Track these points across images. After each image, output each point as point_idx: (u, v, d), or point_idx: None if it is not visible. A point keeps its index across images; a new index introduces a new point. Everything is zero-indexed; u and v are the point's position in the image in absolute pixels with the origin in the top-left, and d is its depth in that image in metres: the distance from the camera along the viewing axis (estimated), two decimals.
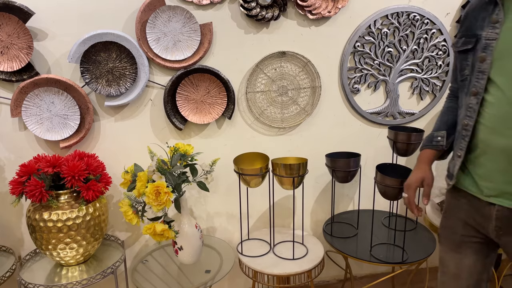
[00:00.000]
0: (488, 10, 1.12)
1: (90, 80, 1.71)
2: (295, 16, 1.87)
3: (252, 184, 1.72)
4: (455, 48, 1.22)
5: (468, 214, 1.22)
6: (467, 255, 1.25)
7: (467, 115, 1.15)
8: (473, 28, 1.15)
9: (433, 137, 1.30)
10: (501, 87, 1.06)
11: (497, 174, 1.11)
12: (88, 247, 1.62)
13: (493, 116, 1.09)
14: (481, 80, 1.11)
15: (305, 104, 1.98)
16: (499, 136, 1.08)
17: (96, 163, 1.64)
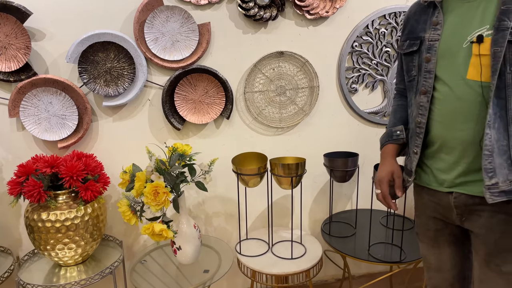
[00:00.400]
0: (428, 13, 1.20)
1: (88, 80, 1.71)
2: (293, 16, 1.87)
3: (250, 184, 1.72)
4: (401, 50, 1.29)
5: (434, 209, 1.27)
6: (444, 248, 1.30)
7: (419, 113, 1.21)
8: (416, 31, 1.22)
9: (392, 133, 1.35)
10: (448, 84, 1.13)
11: (455, 167, 1.16)
12: (87, 247, 1.62)
13: (444, 112, 1.15)
14: (429, 79, 1.17)
15: (303, 104, 1.99)
16: (452, 130, 1.14)
17: (94, 163, 1.64)
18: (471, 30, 1.08)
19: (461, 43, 1.10)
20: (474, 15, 1.09)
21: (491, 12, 1.05)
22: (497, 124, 1.06)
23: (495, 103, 1.06)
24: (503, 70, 1.04)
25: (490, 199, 1.08)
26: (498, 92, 1.05)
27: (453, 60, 1.12)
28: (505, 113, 1.06)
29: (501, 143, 1.07)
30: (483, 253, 1.17)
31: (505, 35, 1.01)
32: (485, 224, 1.15)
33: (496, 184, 1.07)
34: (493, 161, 1.07)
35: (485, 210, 1.14)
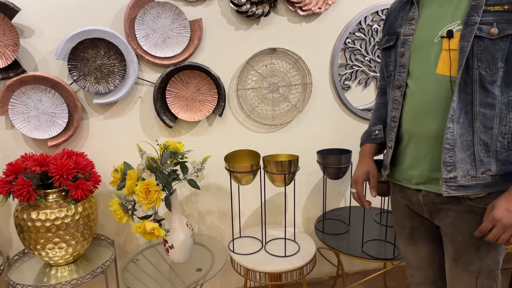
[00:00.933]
0: (405, 9, 1.22)
1: (78, 77, 1.69)
2: (285, 13, 1.86)
3: (243, 181, 1.71)
4: (379, 46, 1.30)
5: (407, 205, 1.28)
6: (421, 246, 1.31)
7: (394, 107, 1.22)
8: (394, 27, 1.24)
9: (371, 132, 1.36)
10: (418, 78, 1.14)
11: (423, 162, 1.17)
12: (78, 246, 1.60)
13: (414, 106, 1.16)
14: (403, 74, 1.18)
15: (296, 101, 1.98)
16: (420, 124, 1.14)
17: (85, 161, 1.62)
18: (443, 25, 1.09)
19: (433, 38, 1.11)
20: (447, 10, 1.09)
21: (463, 8, 1.06)
22: (462, 119, 1.06)
23: (462, 98, 1.06)
24: (471, 65, 1.04)
25: (446, 192, 1.09)
26: (465, 87, 1.05)
27: (425, 54, 1.12)
28: (470, 109, 1.06)
29: (465, 138, 1.07)
30: (451, 251, 1.18)
31: (473, 30, 1.01)
32: (452, 223, 1.15)
33: (454, 178, 1.08)
34: (454, 155, 1.07)
35: (452, 209, 1.14)
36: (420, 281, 1.35)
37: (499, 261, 1.15)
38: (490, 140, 1.07)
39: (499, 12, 1.00)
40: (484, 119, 1.06)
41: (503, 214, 1.01)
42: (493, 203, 1.05)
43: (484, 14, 1.01)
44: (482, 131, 1.06)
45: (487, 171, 1.08)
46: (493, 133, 1.06)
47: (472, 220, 1.12)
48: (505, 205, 1.01)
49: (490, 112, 1.05)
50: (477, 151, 1.07)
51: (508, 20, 1.00)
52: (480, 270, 1.14)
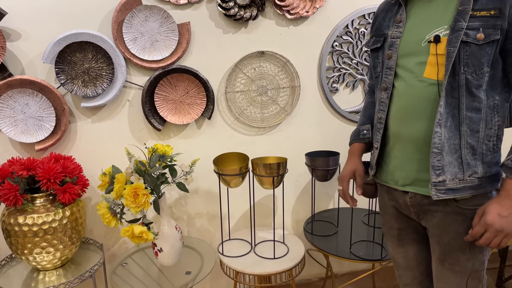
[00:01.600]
0: (393, 11, 1.22)
1: (66, 81, 1.68)
2: (273, 16, 1.87)
3: (232, 184, 1.72)
4: (367, 47, 1.31)
5: (395, 207, 1.30)
6: (409, 247, 1.32)
7: (380, 108, 1.23)
8: (382, 28, 1.24)
9: (360, 131, 1.38)
10: (405, 80, 1.15)
11: (409, 163, 1.18)
12: (66, 251, 1.59)
13: (400, 108, 1.17)
14: (389, 76, 1.19)
15: (284, 103, 1.99)
16: (406, 126, 1.15)
17: (72, 165, 1.61)
18: (430, 29, 1.10)
19: (420, 42, 1.12)
20: (434, 15, 1.10)
21: (450, 13, 1.07)
22: (449, 123, 1.08)
23: (449, 102, 1.07)
24: (457, 70, 1.05)
25: (435, 196, 1.10)
26: (451, 92, 1.06)
27: (411, 57, 1.13)
28: (457, 113, 1.07)
29: (452, 141, 1.08)
30: (438, 252, 1.20)
31: (459, 35, 1.02)
32: (439, 225, 1.17)
33: (443, 182, 1.09)
34: (442, 159, 1.09)
35: (439, 211, 1.16)
36: (408, 281, 1.36)
37: (484, 262, 1.17)
38: (476, 143, 1.08)
39: (485, 18, 1.01)
40: (470, 122, 1.07)
41: (495, 219, 1.02)
42: (483, 208, 1.06)
43: (470, 19, 1.02)
44: (469, 135, 1.07)
45: (474, 174, 1.09)
46: (479, 137, 1.08)
47: (458, 221, 1.14)
48: (496, 210, 1.03)
49: (477, 116, 1.07)
50: (464, 154, 1.08)
51: (494, 26, 1.01)
52: (466, 271, 1.16)
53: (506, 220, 1.02)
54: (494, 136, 1.09)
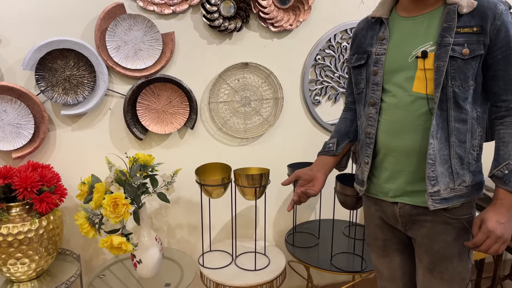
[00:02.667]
0: (374, 29, 1.26)
1: (46, 88, 1.66)
2: (257, 28, 1.89)
3: (214, 195, 1.71)
4: (349, 64, 1.34)
5: (381, 218, 1.32)
6: (393, 257, 1.35)
7: (369, 124, 1.25)
8: (364, 46, 1.27)
9: (326, 145, 1.40)
10: (394, 95, 1.18)
11: (400, 176, 1.21)
12: (41, 262, 1.55)
13: (390, 122, 1.20)
14: (377, 91, 1.22)
15: (268, 114, 2.00)
16: (397, 139, 1.18)
17: (50, 174, 1.58)
18: (415, 45, 1.14)
19: (406, 58, 1.15)
20: (418, 31, 1.14)
21: (434, 29, 1.11)
22: (439, 134, 1.12)
23: (438, 114, 1.11)
24: (445, 84, 1.09)
25: (432, 206, 1.13)
26: (440, 104, 1.11)
27: (399, 73, 1.17)
28: (446, 124, 1.12)
29: (442, 152, 1.12)
30: (426, 261, 1.23)
31: (447, 50, 1.07)
32: (428, 234, 1.20)
33: (438, 192, 1.13)
34: (435, 170, 1.12)
35: (428, 221, 1.19)
36: None
37: (470, 270, 1.22)
38: (463, 153, 1.13)
39: (469, 34, 1.07)
40: (458, 133, 1.12)
41: (496, 226, 1.06)
42: (480, 217, 1.10)
43: (455, 35, 1.08)
44: (457, 145, 1.12)
45: (463, 183, 1.14)
46: (466, 147, 1.13)
47: (447, 230, 1.18)
48: (495, 217, 1.07)
49: (464, 127, 1.12)
50: (453, 164, 1.13)
51: (478, 41, 1.07)
52: (453, 279, 1.20)
53: (504, 226, 1.07)
54: (478, 146, 1.15)
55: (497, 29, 1.06)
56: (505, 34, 1.06)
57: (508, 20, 1.07)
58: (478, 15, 1.07)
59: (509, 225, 1.07)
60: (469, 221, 1.18)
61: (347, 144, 1.39)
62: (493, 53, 1.08)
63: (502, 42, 1.06)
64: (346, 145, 1.39)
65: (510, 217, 1.08)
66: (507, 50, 1.07)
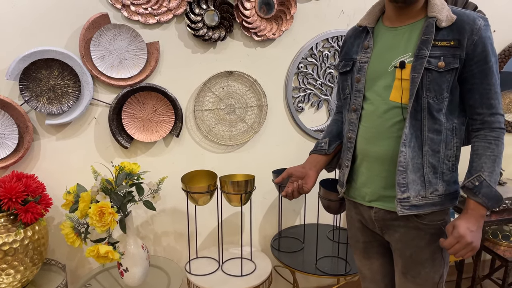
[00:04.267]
0: (361, 38, 1.30)
1: (30, 98, 1.65)
2: (241, 37, 1.93)
3: (200, 202, 1.73)
4: (337, 70, 1.40)
5: (361, 221, 1.36)
6: (374, 260, 1.38)
7: (350, 129, 1.30)
8: (350, 53, 1.32)
9: (318, 144, 1.43)
10: (373, 103, 1.22)
11: (375, 180, 1.25)
12: (26, 272, 1.54)
13: (368, 129, 1.24)
14: (359, 98, 1.26)
15: (252, 122, 2.03)
16: (372, 145, 1.22)
17: (35, 184, 1.58)
18: (396, 55, 1.18)
19: (386, 67, 1.19)
20: (399, 42, 1.19)
21: (414, 41, 1.15)
22: (412, 143, 1.15)
23: (413, 124, 1.15)
24: (420, 94, 1.13)
25: (400, 211, 1.17)
26: (415, 114, 1.14)
27: (379, 81, 1.21)
28: (420, 134, 1.15)
29: (416, 161, 1.16)
30: (400, 265, 1.27)
31: (423, 62, 1.11)
32: (401, 239, 1.24)
33: (407, 198, 1.17)
34: (406, 177, 1.16)
35: (401, 226, 1.23)
36: None
37: (443, 275, 1.25)
38: (437, 162, 1.16)
39: (446, 47, 1.11)
40: (432, 143, 1.15)
41: (466, 232, 1.09)
42: (452, 224, 1.13)
43: (433, 48, 1.11)
44: (430, 155, 1.16)
45: (435, 191, 1.17)
46: (440, 156, 1.16)
47: (419, 236, 1.21)
48: (465, 224, 1.10)
49: (437, 137, 1.15)
50: (426, 173, 1.16)
51: (454, 55, 1.10)
52: (426, 283, 1.23)
53: (474, 234, 1.10)
54: (453, 156, 1.19)
55: (474, 43, 1.09)
56: (482, 49, 1.09)
57: (487, 35, 1.10)
58: (457, 29, 1.10)
59: (478, 234, 1.11)
60: (442, 226, 1.22)
61: (338, 144, 1.41)
62: (469, 66, 1.11)
63: (479, 57, 1.10)
64: (337, 145, 1.41)
65: (480, 227, 1.12)
66: (484, 64, 1.10)
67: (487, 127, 1.14)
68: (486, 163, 1.11)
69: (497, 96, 1.13)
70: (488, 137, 1.13)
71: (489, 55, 1.10)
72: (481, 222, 1.12)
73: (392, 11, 1.21)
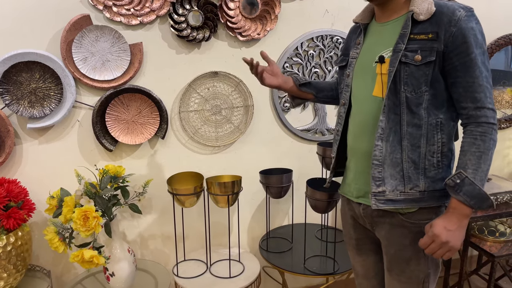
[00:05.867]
0: (356, 34, 1.32)
1: (11, 101, 1.62)
2: (226, 38, 1.92)
3: (187, 204, 1.71)
4: (335, 64, 1.41)
5: (353, 217, 1.36)
6: (367, 256, 1.38)
7: (338, 122, 1.33)
8: (348, 49, 1.35)
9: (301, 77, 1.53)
10: (358, 98, 1.24)
11: (361, 176, 1.25)
12: (10, 279, 1.51)
13: (354, 124, 1.26)
14: (347, 93, 1.29)
15: (238, 122, 2.02)
16: (360, 141, 1.23)
17: (17, 189, 1.55)
18: (379, 50, 1.18)
19: (371, 63, 1.20)
20: (384, 37, 1.19)
21: (396, 35, 1.15)
22: (391, 137, 1.15)
23: (391, 118, 1.14)
24: (398, 89, 1.13)
25: (375, 205, 1.17)
26: (394, 109, 1.14)
27: (364, 77, 1.22)
28: (399, 128, 1.14)
29: (394, 155, 1.15)
30: (386, 262, 1.27)
31: (398, 56, 1.11)
32: (386, 236, 1.24)
33: (383, 192, 1.16)
34: (383, 171, 1.16)
35: (386, 223, 1.22)
36: None
37: (429, 274, 1.22)
38: (418, 158, 1.14)
39: (423, 41, 1.09)
40: (411, 138, 1.13)
41: (441, 232, 1.07)
42: (431, 223, 1.11)
43: (411, 42, 1.10)
44: (410, 150, 1.14)
45: (415, 187, 1.15)
46: (420, 152, 1.14)
47: (403, 234, 1.20)
48: (443, 224, 1.08)
49: (417, 132, 1.13)
50: (406, 168, 1.15)
51: (431, 48, 1.08)
52: (411, 281, 1.22)
53: (452, 233, 1.07)
54: (438, 152, 1.15)
55: (453, 35, 1.05)
56: (462, 41, 1.05)
57: (468, 26, 1.05)
58: (436, 22, 1.08)
59: (458, 233, 1.08)
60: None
61: (310, 93, 1.50)
62: (449, 59, 1.08)
63: (459, 49, 1.06)
64: (309, 92, 1.50)
65: (461, 226, 1.08)
66: (465, 56, 1.06)
67: (473, 122, 1.09)
68: (471, 160, 1.07)
69: (482, 89, 1.07)
70: (474, 132, 1.09)
71: (471, 46, 1.05)
72: (463, 222, 1.08)
73: (375, 7, 1.23)
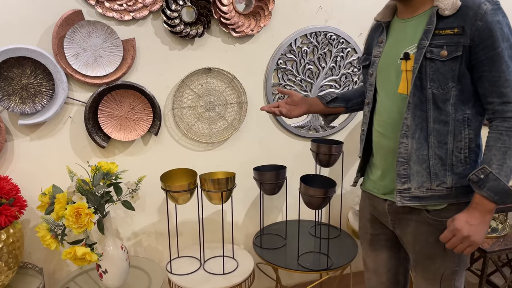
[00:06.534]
0: (378, 32, 1.32)
1: (2, 97, 1.60)
2: (219, 34, 1.91)
3: (180, 200, 1.71)
4: (359, 63, 1.43)
5: (373, 213, 1.37)
6: (380, 252, 1.39)
7: (364, 121, 1.34)
8: (370, 47, 1.34)
9: (327, 94, 1.54)
10: (383, 96, 1.24)
11: (388, 174, 1.26)
12: (1, 277, 1.50)
13: (379, 122, 1.26)
14: (370, 92, 1.30)
15: (232, 119, 2.02)
16: (386, 139, 1.24)
17: (9, 186, 1.54)
18: (404, 47, 1.17)
19: (395, 60, 1.19)
20: (408, 34, 1.18)
21: (420, 32, 1.13)
22: (417, 134, 1.14)
23: (417, 115, 1.13)
24: (425, 85, 1.12)
25: (400, 202, 1.17)
26: (420, 105, 1.13)
27: (388, 75, 1.22)
28: (425, 125, 1.14)
29: (421, 152, 1.15)
30: (412, 259, 1.28)
31: (422, 52, 1.10)
32: (412, 233, 1.23)
33: (408, 189, 1.16)
34: (408, 168, 1.16)
35: (412, 220, 1.22)
36: (374, 285, 1.43)
37: (456, 272, 1.21)
38: (444, 154, 1.14)
39: (449, 36, 1.08)
40: (438, 135, 1.13)
41: (463, 226, 1.07)
42: (453, 217, 1.11)
43: (436, 37, 1.09)
44: (436, 146, 1.13)
45: (442, 184, 1.15)
46: (447, 148, 1.13)
47: (429, 231, 1.20)
48: (465, 218, 1.08)
49: (444, 128, 1.13)
50: (433, 164, 1.14)
51: (457, 43, 1.07)
52: (436, 278, 1.22)
53: (475, 228, 1.07)
54: (466, 148, 1.14)
55: (479, 29, 1.04)
56: (488, 35, 1.04)
57: (494, 19, 1.04)
58: (461, 16, 1.06)
59: (480, 228, 1.07)
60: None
61: (341, 107, 1.51)
62: (476, 54, 1.06)
63: (486, 43, 1.04)
64: (338, 107, 1.51)
65: (484, 222, 1.07)
66: (491, 51, 1.04)
67: (499, 116, 1.08)
68: (496, 155, 1.06)
69: (509, 84, 1.05)
70: (500, 127, 1.07)
71: (497, 40, 1.03)
72: (486, 217, 1.07)
73: (398, 4, 1.21)
